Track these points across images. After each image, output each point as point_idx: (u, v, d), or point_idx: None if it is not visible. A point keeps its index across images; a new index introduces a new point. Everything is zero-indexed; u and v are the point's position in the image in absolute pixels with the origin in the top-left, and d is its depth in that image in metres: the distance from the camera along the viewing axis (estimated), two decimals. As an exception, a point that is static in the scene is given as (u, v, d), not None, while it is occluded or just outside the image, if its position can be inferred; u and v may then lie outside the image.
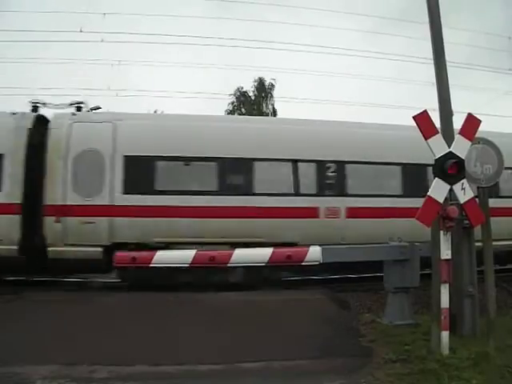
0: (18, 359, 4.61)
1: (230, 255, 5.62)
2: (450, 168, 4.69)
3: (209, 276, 8.12)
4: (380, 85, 37.69)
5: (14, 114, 9.31)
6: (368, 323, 6.20)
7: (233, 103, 38.39)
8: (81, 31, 13.41)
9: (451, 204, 4.77)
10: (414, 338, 5.16)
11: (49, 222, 8.61)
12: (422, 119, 4.74)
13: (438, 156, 4.76)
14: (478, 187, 5.34)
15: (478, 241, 5.37)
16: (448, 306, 4.61)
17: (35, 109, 10.01)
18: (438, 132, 4.88)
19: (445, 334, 4.56)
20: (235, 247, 6.32)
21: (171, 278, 7.91)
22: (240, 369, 4.57)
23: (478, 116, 5.03)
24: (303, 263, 5.81)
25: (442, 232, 4.68)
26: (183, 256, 5.91)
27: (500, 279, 7.54)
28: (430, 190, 4.72)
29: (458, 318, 5.17)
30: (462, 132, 4.91)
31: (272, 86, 37.90)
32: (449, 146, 4.83)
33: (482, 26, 37.29)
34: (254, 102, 38.54)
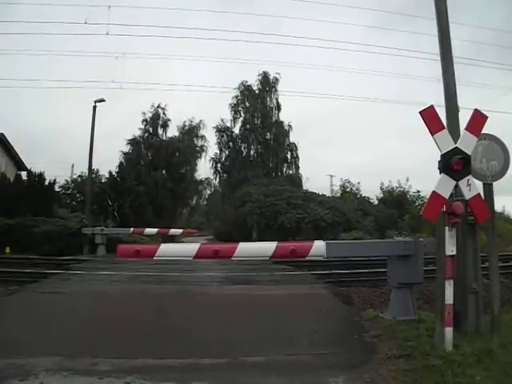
0: (21, 351, 4.62)
1: (234, 249, 5.60)
2: (456, 164, 4.65)
3: None
4: (384, 80, 37.43)
5: None
6: (371, 319, 6.19)
7: (237, 97, 38.42)
8: (86, 23, 13.38)
9: (456, 200, 4.73)
10: (417, 334, 5.13)
11: None
12: (429, 114, 4.68)
13: (444, 151, 4.71)
14: (483, 183, 5.30)
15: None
16: (452, 303, 4.59)
17: None
18: (444, 127, 4.83)
19: (448, 331, 4.53)
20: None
21: None
22: (243, 363, 4.56)
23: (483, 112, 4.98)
24: (307, 257, 5.79)
25: (447, 228, 4.65)
26: (187, 249, 5.89)
27: (503, 276, 7.53)
28: (435, 186, 4.68)
29: (462, 314, 5.15)
30: (469, 128, 4.85)
31: (276, 80, 37.98)
32: (455, 142, 4.79)
33: (484, 23, 37.06)
34: (258, 95, 38.53)
